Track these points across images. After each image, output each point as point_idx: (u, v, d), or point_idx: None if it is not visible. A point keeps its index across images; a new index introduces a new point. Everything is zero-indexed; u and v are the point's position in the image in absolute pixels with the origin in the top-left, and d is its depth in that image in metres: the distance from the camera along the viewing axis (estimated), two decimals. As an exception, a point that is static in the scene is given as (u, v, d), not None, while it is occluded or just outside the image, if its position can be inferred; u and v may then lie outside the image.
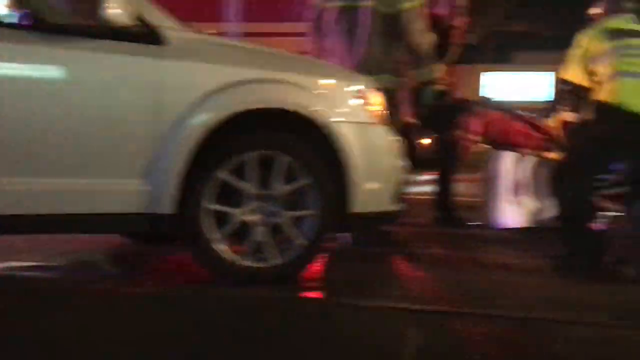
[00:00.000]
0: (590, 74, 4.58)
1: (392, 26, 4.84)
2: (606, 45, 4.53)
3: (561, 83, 4.85)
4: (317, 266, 3.97)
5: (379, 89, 4.02)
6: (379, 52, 4.85)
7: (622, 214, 4.87)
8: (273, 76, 3.67)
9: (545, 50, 18.30)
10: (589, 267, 4.20)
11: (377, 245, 4.82)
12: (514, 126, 5.94)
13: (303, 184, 3.63)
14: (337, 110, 3.74)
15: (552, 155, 5.50)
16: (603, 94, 4.50)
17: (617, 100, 4.43)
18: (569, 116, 5.00)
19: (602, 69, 4.51)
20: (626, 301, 3.66)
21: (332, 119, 3.70)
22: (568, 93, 4.80)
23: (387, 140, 3.96)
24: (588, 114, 4.67)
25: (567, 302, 3.57)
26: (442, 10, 5.87)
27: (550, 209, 5.10)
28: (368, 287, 3.73)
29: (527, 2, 20.74)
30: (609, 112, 4.46)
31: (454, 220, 6.02)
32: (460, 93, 6.49)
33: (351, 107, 3.81)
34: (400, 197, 4.00)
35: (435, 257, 4.67)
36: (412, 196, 5.33)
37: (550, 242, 4.66)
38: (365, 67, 4.66)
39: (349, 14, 4.92)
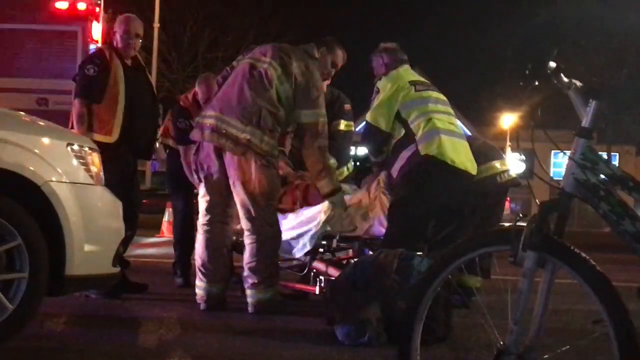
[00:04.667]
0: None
1: None
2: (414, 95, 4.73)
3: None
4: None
5: (95, 149, 3.94)
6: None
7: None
8: (-17, 133, 3.48)
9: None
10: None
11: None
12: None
13: (12, 246, 3.46)
14: (54, 170, 3.61)
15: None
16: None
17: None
18: None
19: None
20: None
21: (48, 179, 3.57)
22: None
23: (107, 202, 3.89)
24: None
25: None
26: None
27: None
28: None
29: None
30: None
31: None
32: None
33: (69, 166, 3.70)
34: (120, 259, 3.94)
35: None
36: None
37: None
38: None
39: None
